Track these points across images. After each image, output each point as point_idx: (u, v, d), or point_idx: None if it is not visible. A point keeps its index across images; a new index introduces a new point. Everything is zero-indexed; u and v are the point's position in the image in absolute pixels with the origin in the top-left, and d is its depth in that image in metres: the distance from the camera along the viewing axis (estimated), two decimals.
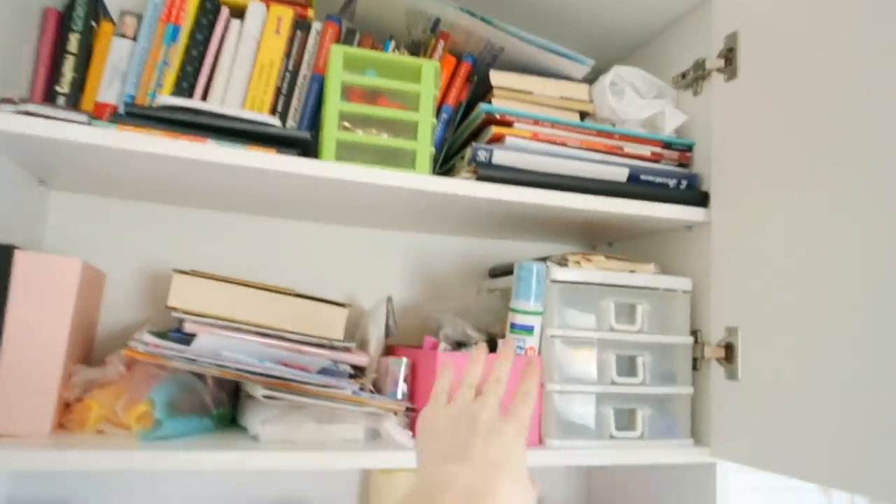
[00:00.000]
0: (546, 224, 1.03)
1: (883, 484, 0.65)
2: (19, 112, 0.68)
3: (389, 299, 0.98)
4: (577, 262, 0.90)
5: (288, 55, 0.92)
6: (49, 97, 0.85)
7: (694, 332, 0.93)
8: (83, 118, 0.70)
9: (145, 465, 0.68)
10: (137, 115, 0.72)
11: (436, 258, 1.17)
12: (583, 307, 0.88)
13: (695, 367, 0.92)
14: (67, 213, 0.98)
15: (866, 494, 0.68)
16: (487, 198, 0.84)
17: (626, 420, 0.88)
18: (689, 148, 0.99)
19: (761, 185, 0.85)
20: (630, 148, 0.96)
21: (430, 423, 0.57)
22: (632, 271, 0.92)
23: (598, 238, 1.18)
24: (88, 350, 0.92)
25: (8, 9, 0.78)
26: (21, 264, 0.71)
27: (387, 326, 0.97)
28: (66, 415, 0.76)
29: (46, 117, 0.68)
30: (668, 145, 0.98)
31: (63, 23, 0.87)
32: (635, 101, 0.99)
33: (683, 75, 1.02)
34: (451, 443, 0.53)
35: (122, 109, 0.72)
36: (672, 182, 0.95)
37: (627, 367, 0.89)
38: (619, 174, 0.93)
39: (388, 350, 1.00)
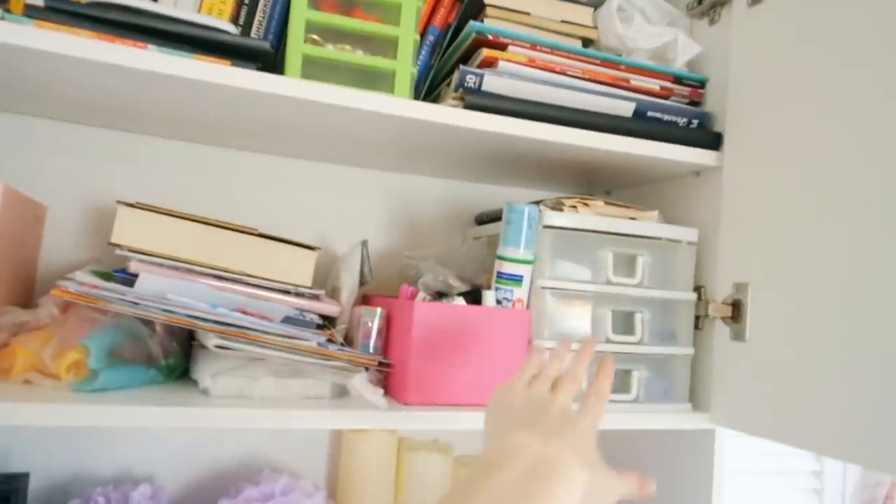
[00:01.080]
0: (539, 165, 0.93)
1: None
2: None
3: (364, 243, 0.89)
4: (574, 207, 0.80)
5: None
6: None
7: (697, 288, 0.85)
8: None
9: (70, 421, 0.59)
10: (61, 10, 0.61)
11: (417, 202, 1.07)
12: (578, 257, 0.79)
13: (697, 326, 0.84)
14: (2, 136, 0.86)
15: (886, 471, 0.61)
16: (475, 128, 0.74)
17: (620, 382, 0.80)
18: (702, 83, 0.89)
19: (782, 128, 0.76)
20: (637, 81, 0.85)
21: (506, 397, 0.57)
22: (632, 219, 0.83)
23: (594, 184, 1.08)
24: (25, 292, 0.82)
25: None
26: None
27: (361, 273, 0.88)
28: None
29: None
30: (678, 79, 0.88)
31: None
32: (644, 28, 0.88)
33: (699, 1, 0.91)
34: (525, 417, 0.53)
35: (43, 3, 0.60)
36: (682, 121, 0.85)
37: (624, 324, 0.81)
38: (624, 109, 0.83)
39: (363, 300, 0.91)
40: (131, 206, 0.74)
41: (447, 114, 0.72)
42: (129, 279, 0.71)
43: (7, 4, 0.73)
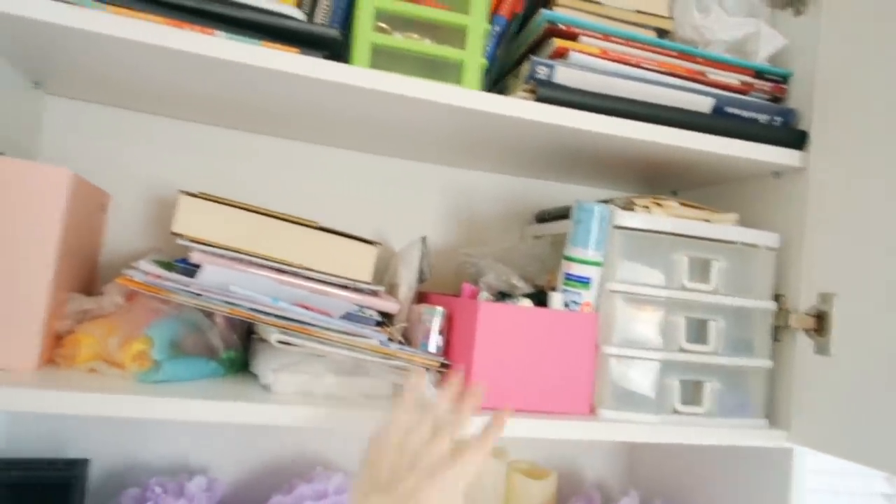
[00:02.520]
0: (603, 162, 0.89)
1: None
2: None
3: (424, 240, 0.87)
4: (646, 207, 0.76)
5: None
6: None
7: (777, 297, 0.79)
8: None
9: (137, 413, 0.59)
10: None
11: (475, 197, 1.04)
12: (650, 260, 0.75)
13: (775, 338, 0.79)
14: (66, 123, 0.87)
15: None
16: (546, 122, 0.70)
17: (692, 393, 0.76)
18: (785, 78, 0.84)
19: (875, 127, 0.70)
20: (715, 75, 0.81)
21: (374, 449, 0.57)
22: (707, 221, 0.79)
23: (659, 183, 1.03)
24: (89, 279, 0.82)
25: None
26: (2, 172, 0.61)
27: (420, 270, 0.86)
28: (57, 348, 0.67)
29: None
30: (759, 74, 0.83)
31: None
32: (724, 19, 0.83)
33: None
34: (387, 473, 0.54)
35: None
36: (763, 118, 0.80)
37: (697, 332, 0.76)
38: (702, 104, 0.78)
39: (420, 297, 0.89)
40: (193, 195, 0.74)
41: (518, 106, 0.69)
42: (191, 269, 0.70)
43: None
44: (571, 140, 0.77)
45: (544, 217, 0.98)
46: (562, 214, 0.90)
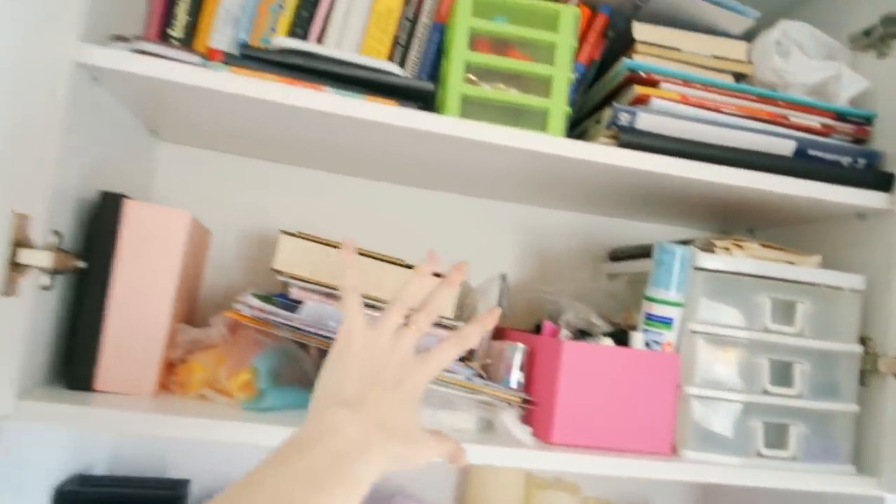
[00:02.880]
0: (681, 202, 0.90)
1: None
2: (133, 50, 0.64)
3: (503, 277, 0.90)
4: (727, 249, 0.77)
5: (407, 1, 0.84)
6: (161, 41, 0.81)
7: (863, 340, 0.78)
8: (196, 59, 0.64)
9: (247, 438, 0.63)
10: (252, 57, 0.66)
11: (547, 235, 1.07)
12: (732, 301, 0.76)
13: (862, 382, 0.78)
14: (176, 166, 0.94)
15: None
16: (629, 167, 0.73)
17: (776, 437, 0.75)
18: (869, 120, 0.83)
19: None
20: (796, 117, 0.81)
21: (343, 351, 0.52)
22: (790, 263, 0.79)
23: (734, 222, 1.04)
24: (192, 310, 0.89)
25: None
26: (130, 214, 0.68)
27: (498, 307, 0.89)
28: (170, 376, 0.73)
29: (159, 56, 0.63)
30: (841, 116, 0.83)
31: None
32: (804, 62, 0.84)
33: (866, 33, 0.86)
34: (354, 384, 0.50)
35: (238, 51, 0.66)
36: (846, 160, 0.80)
37: (781, 374, 0.76)
38: (784, 147, 0.79)
39: (496, 332, 0.91)
40: (293, 235, 0.79)
41: (601, 152, 0.72)
42: (290, 304, 0.75)
43: (191, 47, 0.81)
44: (652, 183, 0.79)
45: (618, 255, 0.99)
46: (637, 253, 0.92)
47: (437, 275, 0.61)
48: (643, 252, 0.89)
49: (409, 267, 0.80)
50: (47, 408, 0.60)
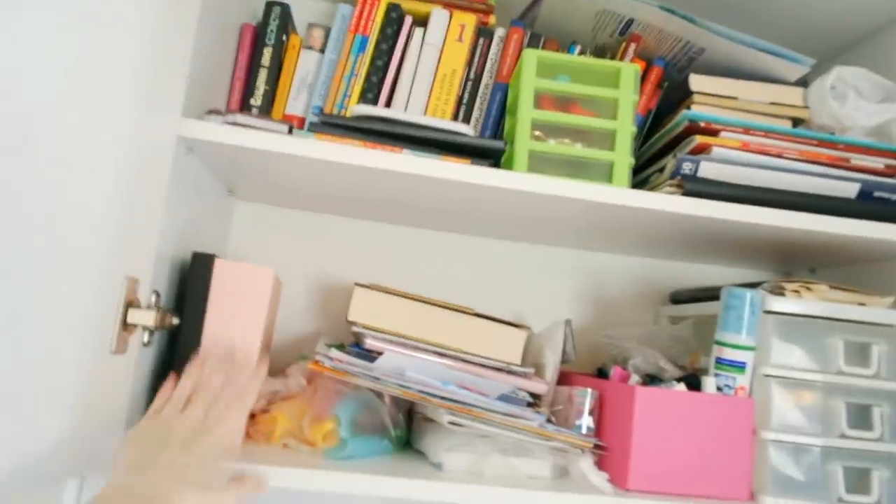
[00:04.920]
0: (744, 246, 0.91)
1: None
2: (226, 122, 0.69)
3: (568, 322, 0.91)
4: (797, 292, 0.78)
5: (470, 63, 0.89)
6: (243, 109, 0.87)
7: None
8: (283, 128, 0.69)
9: (331, 487, 0.66)
10: (335, 124, 0.71)
11: (606, 279, 1.08)
12: (804, 344, 0.76)
13: None
14: (248, 222, 1.00)
15: None
16: (694, 215, 0.74)
17: (858, 481, 0.74)
18: None
19: None
20: (857, 160, 0.82)
21: (129, 439, 0.57)
22: (861, 304, 0.79)
23: (796, 262, 1.04)
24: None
25: (212, 24, 0.80)
26: (219, 272, 0.72)
27: (564, 352, 0.90)
28: (252, 425, 0.76)
29: (251, 127, 0.68)
30: None
31: (258, 37, 0.88)
32: (862, 106, 0.85)
33: None
34: (142, 456, 0.54)
35: (310, 120, 0.71)
36: None
37: (860, 418, 0.75)
38: (848, 190, 0.80)
39: (562, 378, 0.92)
40: (366, 287, 0.82)
41: (667, 202, 0.74)
42: (364, 354, 0.78)
43: (269, 114, 0.86)
44: (716, 229, 0.81)
45: (680, 298, 1.00)
46: (701, 296, 0.93)
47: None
48: (707, 294, 0.90)
49: (477, 315, 0.82)
50: None
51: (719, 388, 0.76)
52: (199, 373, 0.65)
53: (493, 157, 0.74)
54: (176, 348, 0.71)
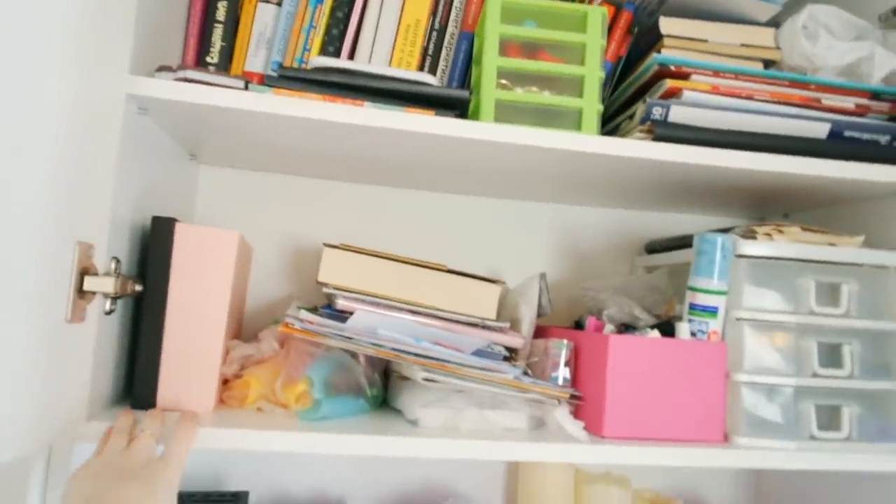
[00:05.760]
0: (717, 191, 0.91)
1: None
2: (178, 79, 0.66)
3: (543, 276, 0.90)
4: (768, 235, 0.78)
5: (434, 12, 0.86)
6: (199, 67, 0.83)
7: None
8: (240, 83, 0.67)
9: (306, 447, 0.65)
10: (292, 77, 0.68)
11: (581, 232, 1.08)
12: (776, 287, 0.76)
13: None
14: (214, 187, 0.97)
15: None
16: (665, 160, 0.73)
17: (829, 419, 0.75)
18: None
19: None
20: (829, 100, 0.81)
21: (77, 478, 0.54)
22: (832, 245, 0.79)
23: (769, 208, 1.03)
24: (239, 325, 0.91)
25: None
26: (181, 237, 0.70)
27: (539, 306, 0.90)
28: (226, 391, 0.75)
29: (204, 83, 0.66)
30: (876, 95, 0.83)
31: None
32: (834, 45, 0.84)
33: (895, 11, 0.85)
34: (96, 490, 0.52)
35: (276, 73, 0.68)
36: (884, 139, 0.80)
37: (831, 356, 0.76)
38: (819, 130, 0.79)
39: (539, 331, 0.92)
40: (335, 247, 0.81)
41: (637, 147, 0.72)
42: (336, 315, 0.77)
43: (228, 71, 0.83)
44: (688, 175, 0.80)
45: (655, 248, 1.00)
46: (675, 244, 0.92)
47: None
48: (682, 243, 0.89)
49: (450, 272, 0.81)
50: None
51: (693, 334, 0.76)
52: (131, 417, 0.62)
53: (458, 108, 0.72)
54: (141, 315, 0.69)
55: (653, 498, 0.98)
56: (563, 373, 0.80)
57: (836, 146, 0.78)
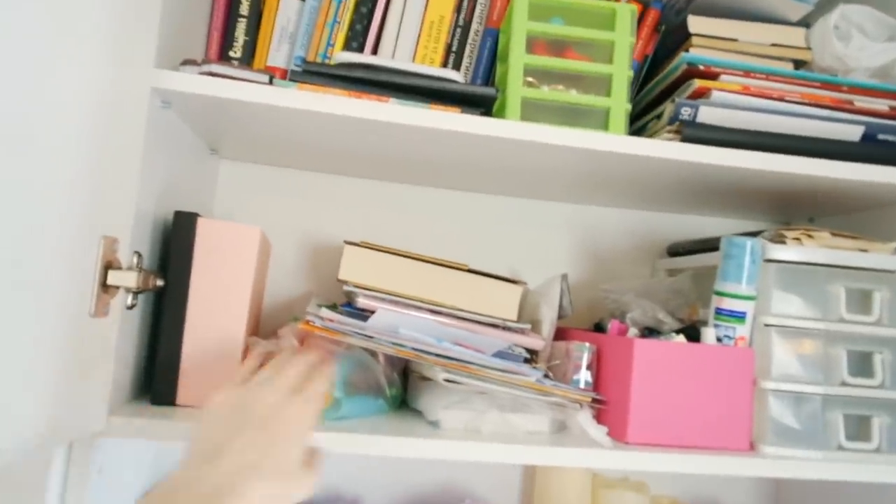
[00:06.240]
0: (743, 194, 0.89)
1: None
2: (202, 73, 0.65)
3: (565, 277, 0.89)
4: (798, 240, 0.76)
5: (458, 9, 0.85)
6: (222, 61, 0.83)
7: None
8: (264, 78, 0.66)
9: (329, 447, 0.64)
10: (317, 73, 0.67)
11: (601, 233, 1.06)
12: (805, 293, 0.74)
13: None
14: (234, 182, 0.97)
15: None
16: (693, 161, 0.72)
17: (857, 429, 0.73)
18: None
19: None
20: (861, 102, 0.80)
21: (211, 409, 0.54)
22: (863, 250, 0.77)
23: (794, 212, 1.01)
24: (257, 322, 0.90)
25: None
26: (203, 232, 0.69)
27: (560, 307, 0.88)
28: None
29: (228, 77, 0.65)
30: None
31: None
32: (867, 45, 0.82)
33: None
34: (218, 436, 0.51)
35: (301, 67, 0.67)
36: None
37: (861, 365, 0.74)
38: (851, 133, 0.77)
39: (559, 333, 0.91)
40: (356, 244, 0.80)
41: (666, 148, 0.71)
42: (356, 313, 0.76)
43: (251, 66, 0.82)
44: (716, 176, 0.78)
45: (678, 251, 0.98)
46: (699, 248, 0.91)
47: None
48: (706, 246, 0.88)
49: (471, 272, 0.80)
50: (135, 423, 0.62)
51: (719, 339, 0.74)
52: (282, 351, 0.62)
53: (484, 106, 0.71)
54: (162, 311, 0.69)
55: None
56: (585, 376, 0.78)
57: (871, 149, 0.76)
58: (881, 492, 0.85)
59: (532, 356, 0.83)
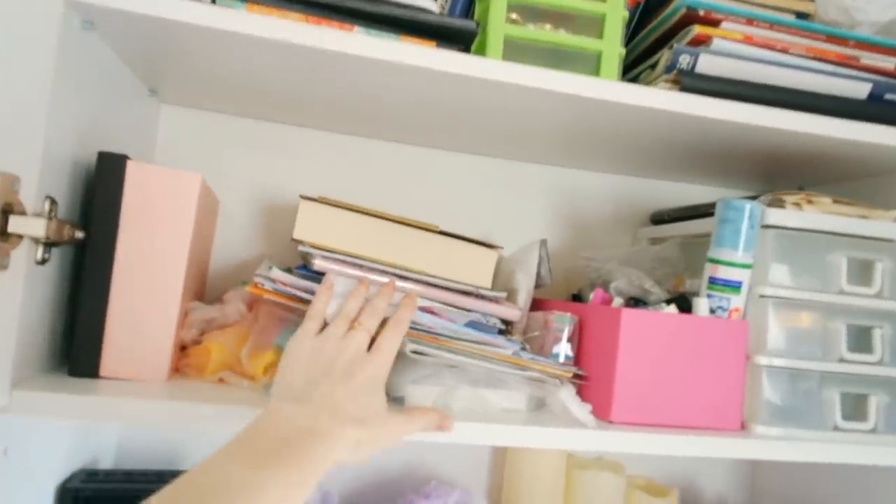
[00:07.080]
0: (734, 156, 0.83)
1: None
2: None
3: (544, 243, 0.82)
4: (797, 205, 0.70)
5: None
6: None
7: None
8: None
9: None
10: None
11: (581, 198, 0.99)
12: (804, 262, 0.69)
13: None
14: (178, 130, 0.86)
15: None
16: (693, 114, 0.65)
17: (854, 408, 0.69)
18: None
19: None
20: (868, 59, 0.73)
21: (293, 356, 0.55)
22: (863, 217, 0.71)
23: (783, 179, 0.96)
24: (202, 286, 0.81)
25: None
26: (134, 177, 0.59)
27: (538, 276, 0.81)
28: (183, 359, 0.66)
29: None
30: None
31: None
32: None
33: None
34: (302, 382, 0.52)
35: None
36: None
37: (860, 340, 0.69)
38: (858, 90, 0.71)
39: (536, 304, 0.84)
40: (314, 200, 0.71)
41: (663, 98, 0.64)
42: (313, 276, 0.68)
43: None
44: (712, 133, 0.72)
45: (663, 218, 0.92)
46: (687, 214, 0.85)
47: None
48: (694, 212, 0.82)
49: (442, 234, 0.72)
50: (46, 398, 0.53)
51: (712, 311, 0.68)
52: (365, 293, 0.61)
53: (461, 42, 0.62)
54: (83, 268, 0.59)
55: (647, 485, 0.92)
56: (566, 349, 0.72)
57: (878, 108, 0.71)
58: (877, 473, 0.81)
59: (507, 327, 0.76)
